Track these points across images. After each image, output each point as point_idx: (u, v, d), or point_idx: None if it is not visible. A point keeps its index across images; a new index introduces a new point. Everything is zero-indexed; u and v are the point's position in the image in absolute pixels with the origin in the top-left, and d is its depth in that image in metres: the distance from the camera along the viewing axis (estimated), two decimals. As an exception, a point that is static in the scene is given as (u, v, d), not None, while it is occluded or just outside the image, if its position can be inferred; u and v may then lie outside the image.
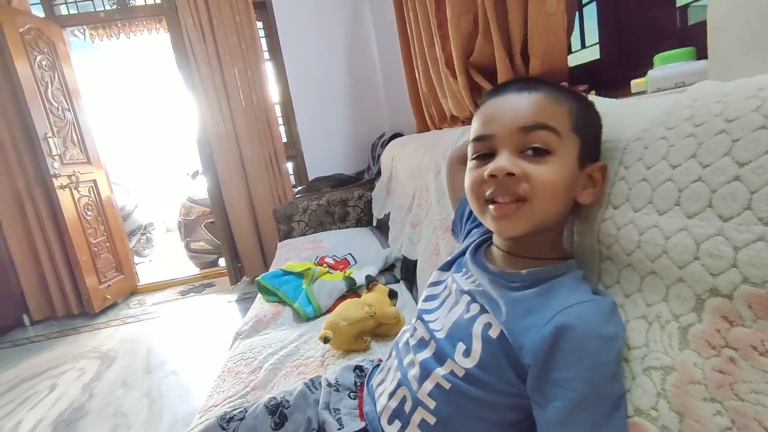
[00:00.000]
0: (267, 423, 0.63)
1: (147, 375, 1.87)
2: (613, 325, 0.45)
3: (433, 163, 1.27)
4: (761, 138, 0.35)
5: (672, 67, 0.71)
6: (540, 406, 0.44)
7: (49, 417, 1.63)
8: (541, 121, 0.47)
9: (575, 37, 1.19)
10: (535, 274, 0.50)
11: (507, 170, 0.47)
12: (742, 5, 0.52)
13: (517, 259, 0.54)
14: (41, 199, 2.58)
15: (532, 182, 0.47)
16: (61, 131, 2.66)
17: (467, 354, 0.48)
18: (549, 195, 0.47)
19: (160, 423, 1.50)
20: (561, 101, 0.49)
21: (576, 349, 0.42)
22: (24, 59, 2.45)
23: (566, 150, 0.48)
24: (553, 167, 0.47)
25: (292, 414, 0.64)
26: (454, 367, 0.49)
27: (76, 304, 2.74)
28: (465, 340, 0.49)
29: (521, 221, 0.48)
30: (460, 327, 0.51)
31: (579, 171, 0.49)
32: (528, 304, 0.47)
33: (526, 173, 0.47)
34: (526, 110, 0.48)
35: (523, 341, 0.44)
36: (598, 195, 0.51)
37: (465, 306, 0.53)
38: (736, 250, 0.35)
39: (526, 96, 0.49)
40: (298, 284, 1.34)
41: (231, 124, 2.64)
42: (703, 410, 0.37)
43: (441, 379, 0.50)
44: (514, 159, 0.48)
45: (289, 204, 2.33)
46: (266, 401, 0.66)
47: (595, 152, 0.52)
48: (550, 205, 0.48)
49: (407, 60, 1.89)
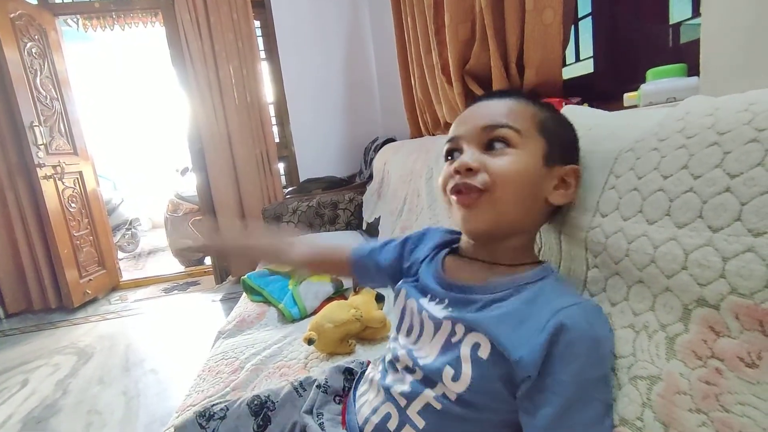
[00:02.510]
0: (249, 424, 0.61)
1: (125, 373, 1.82)
2: (601, 327, 0.45)
3: (425, 168, 1.27)
4: (752, 151, 0.35)
5: (664, 82, 0.72)
6: (528, 413, 0.43)
7: (19, 413, 1.58)
8: (502, 121, 0.51)
9: (570, 50, 1.20)
10: (514, 281, 0.50)
11: (467, 165, 0.50)
12: (735, 24, 0.53)
13: (492, 267, 0.53)
14: (23, 188, 2.52)
15: (491, 172, 0.49)
16: (48, 120, 2.60)
17: (456, 378, 0.46)
18: (507, 184, 0.49)
19: (136, 422, 1.46)
20: (527, 105, 0.53)
21: (567, 352, 0.42)
22: (13, 45, 2.40)
23: (528, 148, 0.50)
24: (511, 158, 0.49)
25: (276, 416, 0.62)
26: (446, 391, 0.47)
27: (54, 297, 2.67)
28: (452, 364, 0.47)
29: (484, 212, 0.50)
30: (446, 351, 0.49)
31: (546, 170, 0.51)
32: (519, 314, 0.46)
33: (485, 164, 0.49)
34: (491, 112, 0.52)
35: (520, 354, 0.43)
36: (571, 198, 0.53)
37: (449, 329, 0.50)
38: (724, 261, 0.35)
39: (494, 102, 0.54)
40: (284, 285, 1.33)
41: (224, 122, 2.62)
42: (689, 421, 0.37)
43: (432, 400, 0.48)
44: (476, 155, 0.51)
45: (279, 204, 2.30)
46: (249, 399, 0.64)
47: (566, 156, 0.53)
48: (509, 195, 0.50)
49: (403, 65, 1.90)
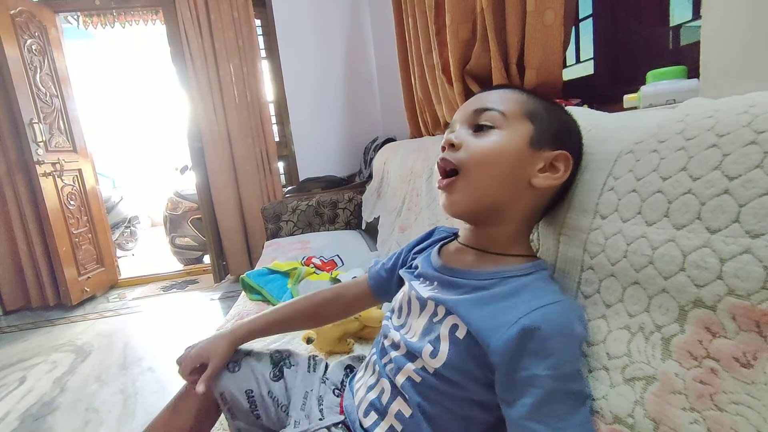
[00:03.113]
0: (267, 371, 0.67)
1: (123, 371, 1.82)
2: (577, 325, 0.46)
3: (425, 167, 1.27)
4: (751, 153, 0.35)
5: (664, 84, 0.73)
6: (508, 405, 0.44)
7: (16, 410, 1.57)
8: (490, 105, 0.53)
9: (570, 52, 1.20)
10: (502, 272, 0.51)
11: (450, 140, 0.53)
12: (735, 26, 0.53)
13: (485, 256, 0.55)
14: (22, 185, 2.51)
15: (468, 150, 0.52)
16: (47, 117, 2.60)
17: (434, 355, 0.49)
18: (482, 163, 0.51)
19: (134, 420, 1.46)
20: (519, 94, 0.55)
21: (542, 347, 0.43)
22: (13, 42, 2.40)
23: (513, 130, 0.52)
24: (492, 138, 0.51)
25: (288, 375, 0.68)
26: (425, 365, 0.51)
27: (52, 295, 2.67)
28: (432, 342, 0.51)
29: (460, 192, 0.52)
30: (428, 330, 0.52)
31: (531, 152, 0.51)
32: (495, 305, 0.48)
33: (466, 143, 0.52)
34: (483, 99, 0.55)
35: (489, 340, 0.45)
36: (557, 183, 0.52)
37: (432, 310, 0.54)
38: (722, 262, 0.36)
39: (491, 92, 0.56)
40: (283, 283, 1.33)
41: (223, 121, 2.62)
42: (681, 419, 0.37)
43: (412, 373, 0.52)
44: (462, 134, 0.54)
45: (278, 203, 2.30)
46: (272, 351, 0.71)
47: (557, 142, 0.53)
48: (484, 174, 0.51)
49: (404, 65, 1.90)
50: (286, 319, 0.73)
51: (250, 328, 0.70)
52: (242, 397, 0.65)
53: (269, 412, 0.65)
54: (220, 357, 0.65)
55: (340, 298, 0.74)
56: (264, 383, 0.66)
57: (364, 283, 0.74)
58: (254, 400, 0.65)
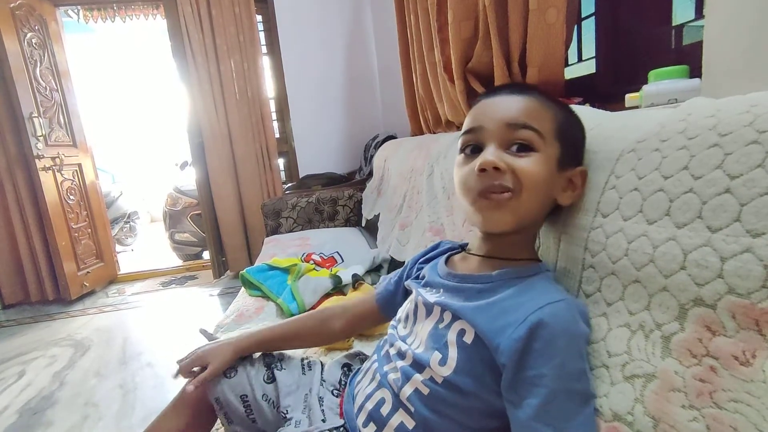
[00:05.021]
0: (261, 374, 0.68)
1: (122, 366, 1.82)
2: (581, 324, 0.47)
3: (426, 165, 1.27)
4: (753, 152, 0.35)
5: (666, 83, 0.73)
6: (514, 405, 0.44)
7: (15, 404, 1.58)
8: (527, 122, 0.50)
9: (572, 51, 1.20)
10: (507, 274, 0.51)
11: (494, 164, 0.49)
12: (738, 26, 0.53)
13: (491, 261, 0.55)
14: (22, 179, 2.51)
15: (519, 175, 0.49)
16: (47, 112, 2.59)
17: (443, 362, 0.49)
18: (534, 187, 0.50)
19: (133, 415, 1.46)
20: (547, 107, 0.53)
21: (547, 346, 0.43)
22: (13, 35, 2.39)
23: (547, 152, 0.51)
24: (536, 161, 0.50)
25: (281, 377, 0.68)
26: (433, 374, 0.50)
27: (52, 289, 2.67)
28: (440, 349, 0.50)
29: (509, 213, 0.51)
30: (435, 337, 0.52)
31: (558, 174, 0.52)
32: (503, 305, 0.48)
33: (512, 166, 0.50)
34: (515, 109, 0.52)
35: (498, 342, 0.45)
36: (577, 198, 0.54)
37: (438, 316, 0.54)
38: (722, 261, 0.36)
39: (516, 98, 0.53)
40: (283, 280, 1.33)
41: (224, 117, 2.61)
42: (680, 416, 0.37)
43: (420, 384, 0.51)
44: (499, 153, 0.50)
45: (278, 199, 2.30)
46: (264, 354, 0.72)
47: (576, 158, 0.55)
48: (534, 198, 0.51)
49: (405, 62, 1.89)
50: (292, 334, 0.73)
51: (256, 339, 0.70)
52: (237, 402, 0.65)
53: (265, 415, 0.65)
54: (221, 363, 0.65)
55: (347, 314, 0.75)
56: (259, 387, 0.66)
57: (371, 301, 0.74)
58: (249, 404, 0.65)
